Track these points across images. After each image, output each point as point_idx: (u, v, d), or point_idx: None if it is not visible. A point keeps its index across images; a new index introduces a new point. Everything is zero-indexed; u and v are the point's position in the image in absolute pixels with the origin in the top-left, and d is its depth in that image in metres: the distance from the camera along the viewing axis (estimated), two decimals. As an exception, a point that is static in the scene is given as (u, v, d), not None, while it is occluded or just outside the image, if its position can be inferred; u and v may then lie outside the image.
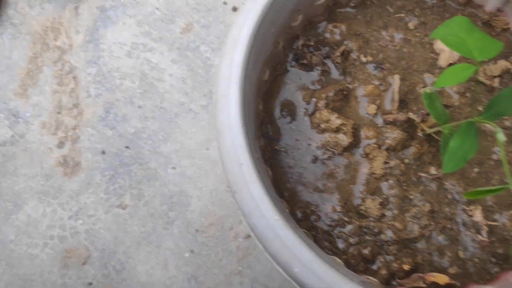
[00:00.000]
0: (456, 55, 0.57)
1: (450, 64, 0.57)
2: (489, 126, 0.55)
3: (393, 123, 0.55)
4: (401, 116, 0.55)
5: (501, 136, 0.37)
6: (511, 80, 0.58)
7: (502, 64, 0.57)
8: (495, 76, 0.57)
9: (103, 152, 0.75)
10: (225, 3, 0.83)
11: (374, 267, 0.51)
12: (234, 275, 0.70)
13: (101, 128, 0.77)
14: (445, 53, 0.57)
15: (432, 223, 0.52)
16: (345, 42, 0.58)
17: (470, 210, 0.53)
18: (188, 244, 0.71)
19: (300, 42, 0.58)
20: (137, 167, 0.75)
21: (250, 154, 0.44)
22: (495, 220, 0.53)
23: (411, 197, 0.53)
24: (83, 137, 0.76)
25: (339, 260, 0.49)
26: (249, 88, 0.48)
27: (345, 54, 0.58)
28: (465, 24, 0.41)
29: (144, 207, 0.73)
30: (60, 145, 0.76)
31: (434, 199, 0.53)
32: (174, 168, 0.74)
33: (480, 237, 0.52)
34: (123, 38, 0.81)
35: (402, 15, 0.60)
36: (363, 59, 0.58)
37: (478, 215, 0.52)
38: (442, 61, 0.58)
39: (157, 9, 0.83)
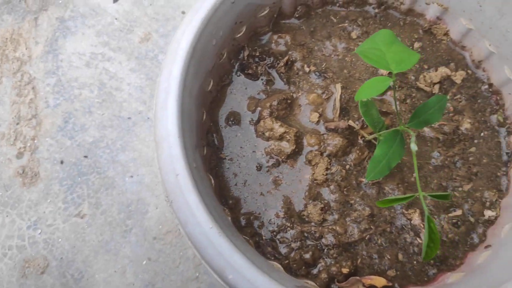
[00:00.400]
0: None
1: (390, 73, 0.59)
2: (427, 131, 0.57)
3: (335, 130, 0.57)
4: (342, 124, 0.56)
5: (413, 146, 0.39)
6: (451, 86, 0.60)
7: (443, 71, 0.59)
8: (435, 83, 0.59)
9: (62, 162, 0.76)
10: (183, 12, 0.85)
11: (315, 271, 0.52)
12: (191, 281, 0.71)
13: (60, 138, 0.77)
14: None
15: (372, 226, 0.54)
16: (290, 52, 0.60)
17: (409, 213, 0.54)
18: (145, 252, 0.72)
19: (246, 52, 0.59)
20: (95, 176, 0.75)
21: (187, 164, 0.45)
22: (433, 223, 0.55)
23: (351, 201, 0.55)
24: (42, 147, 0.77)
25: (278, 265, 0.50)
26: (189, 100, 0.49)
27: (289, 64, 0.59)
28: (388, 37, 0.42)
29: (102, 215, 0.74)
30: (19, 155, 0.77)
31: (374, 203, 0.55)
32: (131, 176, 0.75)
33: (418, 240, 0.54)
34: (82, 48, 0.82)
35: (345, 25, 0.62)
36: (307, 69, 0.59)
37: (416, 219, 0.54)
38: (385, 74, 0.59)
39: (116, 19, 0.84)
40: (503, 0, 0.53)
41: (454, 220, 0.55)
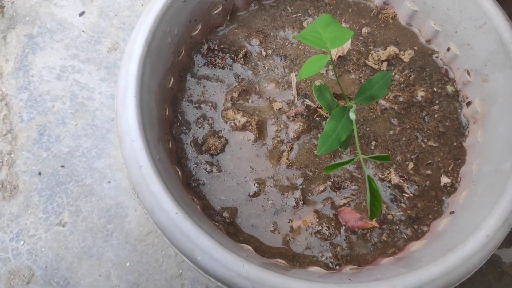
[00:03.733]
0: (345, 48, 0.61)
1: (339, 57, 0.61)
2: (383, 103, 0.60)
3: (295, 116, 0.59)
4: (301, 108, 0.59)
5: (352, 115, 0.41)
6: (399, 63, 0.62)
7: (391, 49, 0.62)
8: (382, 61, 0.62)
9: (40, 174, 0.78)
10: (149, 20, 0.87)
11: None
12: (175, 278, 0.73)
13: (36, 150, 0.79)
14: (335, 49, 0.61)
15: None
16: (247, 43, 0.62)
17: (386, 176, 0.56)
18: (128, 254, 0.74)
19: (205, 47, 0.62)
20: (73, 184, 0.77)
21: (149, 155, 0.47)
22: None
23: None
24: (19, 161, 0.79)
25: (248, 247, 0.52)
26: (148, 96, 0.51)
27: (248, 56, 0.62)
28: (325, 20, 0.45)
29: (83, 222, 0.75)
30: (-3, 171, 0.78)
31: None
32: (109, 182, 0.77)
33: (405, 196, 0.56)
34: (52, 62, 0.84)
35: (299, 15, 0.64)
36: (264, 53, 0.62)
37: (394, 178, 0.56)
38: (333, 55, 0.62)
39: (83, 31, 0.86)
40: (441, -21, 0.56)
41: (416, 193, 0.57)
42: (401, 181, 0.56)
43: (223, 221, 0.54)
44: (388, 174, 0.57)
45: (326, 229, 0.54)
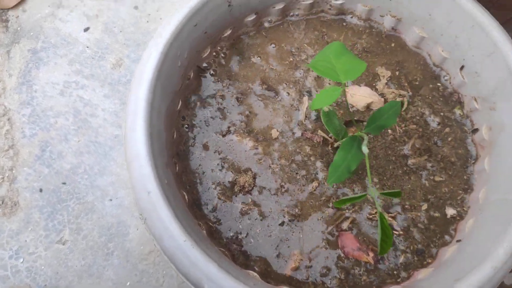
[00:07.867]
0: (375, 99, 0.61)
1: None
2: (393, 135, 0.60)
3: (309, 139, 0.59)
4: (317, 138, 0.58)
5: (365, 149, 0.41)
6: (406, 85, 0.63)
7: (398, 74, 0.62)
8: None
9: (41, 190, 0.77)
10: (153, 37, 0.87)
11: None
12: (176, 298, 0.72)
13: (38, 166, 0.78)
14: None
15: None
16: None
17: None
18: (128, 273, 0.73)
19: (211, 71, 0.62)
20: (74, 202, 0.76)
21: (158, 181, 0.47)
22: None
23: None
24: (20, 177, 0.78)
25: (254, 273, 0.52)
26: (158, 120, 0.51)
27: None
28: (338, 48, 0.45)
29: (83, 240, 0.74)
30: (-2, 186, 0.77)
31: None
32: (111, 200, 0.76)
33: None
34: (55, 78, 0.84)
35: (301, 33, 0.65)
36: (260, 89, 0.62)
37: (394, 223, 0.56)
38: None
39: (87, 47, 0.86)
40: (450, 8, 0.56)
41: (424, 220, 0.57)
42: (390, 219, 0.56)
43: (234, 248, 0.54)
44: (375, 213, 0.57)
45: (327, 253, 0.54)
